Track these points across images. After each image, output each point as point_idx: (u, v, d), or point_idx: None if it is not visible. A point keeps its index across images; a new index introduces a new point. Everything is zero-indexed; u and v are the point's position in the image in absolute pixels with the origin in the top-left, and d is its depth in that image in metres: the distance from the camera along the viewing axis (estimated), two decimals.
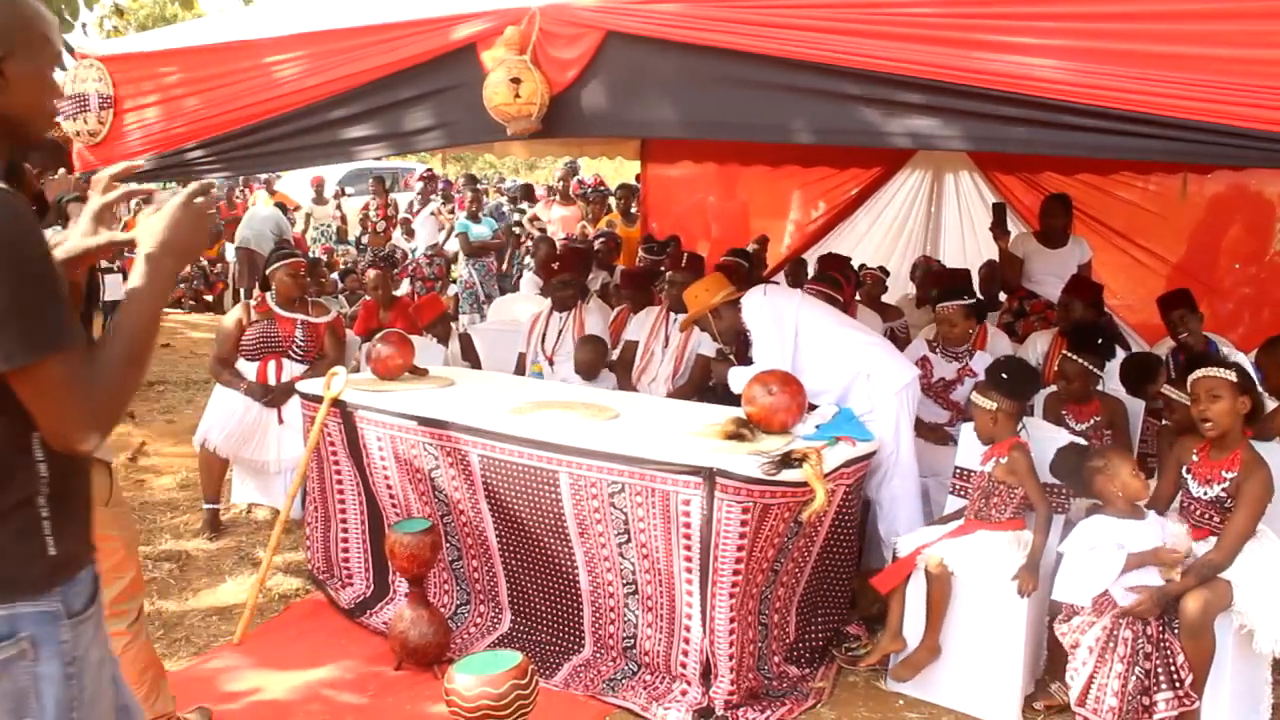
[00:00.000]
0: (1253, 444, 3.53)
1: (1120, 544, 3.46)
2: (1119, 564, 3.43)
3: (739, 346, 4.79)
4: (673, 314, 5.71)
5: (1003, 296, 6.94)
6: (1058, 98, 2.87)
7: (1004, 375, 3.92)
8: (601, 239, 9.43)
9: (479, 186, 12.92)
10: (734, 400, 4.16)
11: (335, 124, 4.19)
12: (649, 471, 3.63)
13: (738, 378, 4.35)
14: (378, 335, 5.03)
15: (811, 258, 8.37)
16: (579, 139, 8.19)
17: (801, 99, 3.29)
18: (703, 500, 3.50)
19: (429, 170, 14.99)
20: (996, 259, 6.95)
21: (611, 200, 12.49)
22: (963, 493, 4.15)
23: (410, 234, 13.06)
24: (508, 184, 14.40)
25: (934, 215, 8.87)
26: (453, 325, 6.99)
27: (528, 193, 13.84)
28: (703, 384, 5.50)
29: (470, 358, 6.50)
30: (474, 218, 11.02)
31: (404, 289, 11.33)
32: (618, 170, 20.34)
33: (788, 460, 3.54)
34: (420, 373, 4.96)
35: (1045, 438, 4.05)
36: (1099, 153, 2.96)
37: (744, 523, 3.47)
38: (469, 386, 4.88)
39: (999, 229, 6.58)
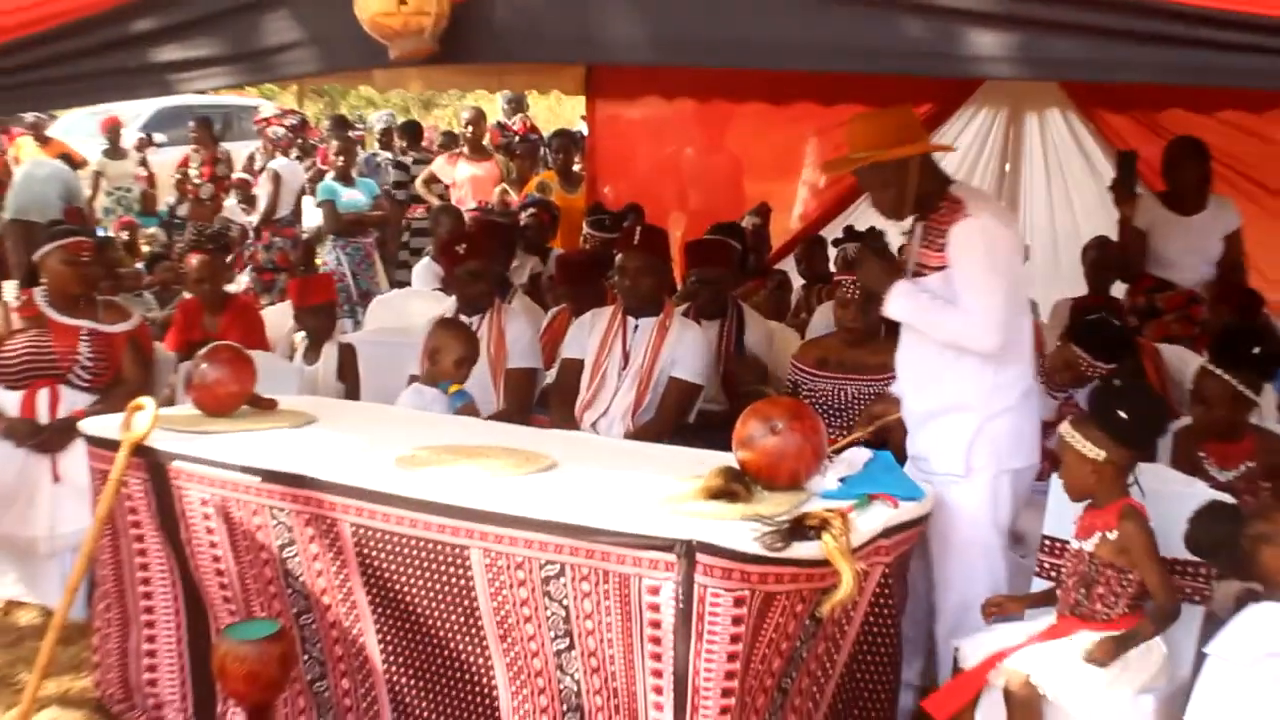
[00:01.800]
0: None
1: None
2: None
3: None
4: (631, 318, 5.72)
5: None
6: (1199, 3, 2.91)
7: (1122, 413, 3.85)
8: (530, 210, 9.44)
9: (350, 134, 12.87)
10: (724, 442, 4.17)
11: (141, 41, 4.17)
12: (600, 546, 3.63)
13: (905, 297, 4.32)
14: (202, 351, 5.00)
15: (833, 235, 8.41)
16: (496, 66, 8.20)
17: (824, 7, 3.32)
18: (678, 587, 3.50)
19: (293, 112, 14.91)
20: (1108, 235, 7.02)
21: (545, 153, 12.51)
22: (1053, 573, 4.18)
23: (249, 202, 12.99)
24: (372, 117, 14.35)
25: (1010, 172, 8.95)
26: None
27: (413, 135, 13.78)
28: (678, 417, 5.51)
29: (349, 378, 6.48)
30: (344, 178, 10.98)
31: (242, 283, 11.27)
32: (553, 110, 20.43)
33: (799, 528, 3.56)
34: (266, 405, 4.93)
35: (1172, 493, 4.06)
36: (1253, 80, 3.00)
37: (737, 620, 3.47)
38: (337, 424, 4.87)
39: (1124, 189, 6.61)
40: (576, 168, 11.21)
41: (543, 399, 6.13)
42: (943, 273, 4.30)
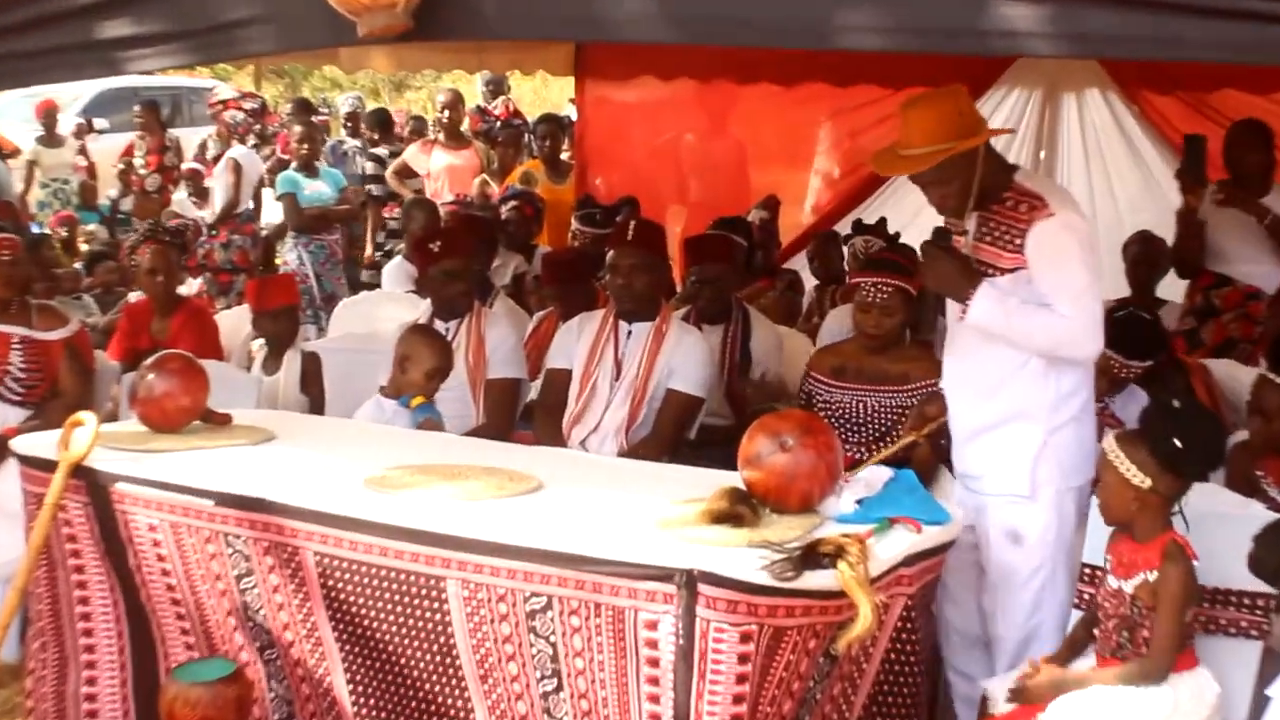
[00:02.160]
0: None
1: None
2: None
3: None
4: (624, 323, 5.71)
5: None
6: None
7: (1176, 440, 3.79)
8: (513, 203, 9.44)
9: (315, 119, 12.85)
10: (728, 460, 4.16)
11: (83, 15, 4.16)
12: (591, 576, 3.62)
13: (993, 302, 4.20)
14: (149, 360, 4.99)
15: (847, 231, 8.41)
16: (476, 43, 8.20)
17: None
18: (677, 621, 3.49)
19: (253, 96, 14.88)
20: (1151, 230, 7.02)
21: (529, 140, 12.50)
22: (1092, 604, 4.17)
23: (201, 194, 12.96)
24: (338, 101, 14.32)
25: (1045, 159, 8.95)
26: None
27: (384, 125, 13.77)
28: (677, 433, 5.50)
29: (312, 390, 6.47)
30: (307, 168, 10.97)
31: (194, 286, 11.24)
32: (538, 93, 20.46)
33: (812, 556, 3.55)
34: (220, 420, 4.93)
35: (1227, 515, 4.06)
36: None
37: (744, 657, 3.46)
38: (299, 441, 4.87)
39: (1191, 176, 6.61)
40: (564, 156, 11.20)
41: (527, 413, 6.12)
42: (1015, 274, 4.23)
